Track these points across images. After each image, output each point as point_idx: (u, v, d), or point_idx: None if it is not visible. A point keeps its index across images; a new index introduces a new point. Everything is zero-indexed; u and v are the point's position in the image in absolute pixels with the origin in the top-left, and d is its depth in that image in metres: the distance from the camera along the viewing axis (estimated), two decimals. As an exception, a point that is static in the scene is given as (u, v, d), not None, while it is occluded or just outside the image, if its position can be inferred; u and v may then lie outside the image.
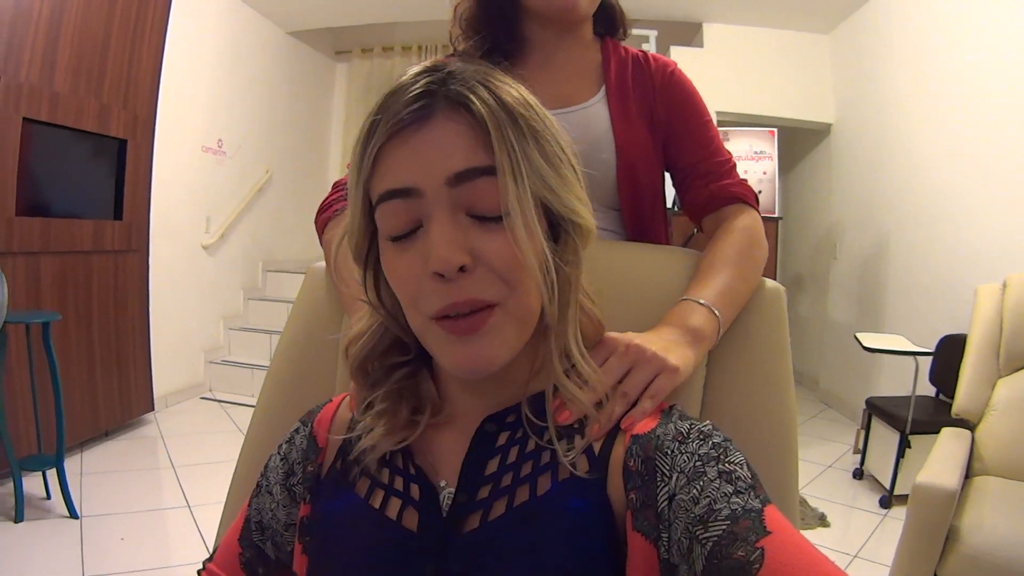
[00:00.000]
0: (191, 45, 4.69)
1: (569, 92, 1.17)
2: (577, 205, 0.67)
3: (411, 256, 0.63)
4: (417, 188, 0.62)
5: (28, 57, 3.18)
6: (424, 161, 0.62)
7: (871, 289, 4.78)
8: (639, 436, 0.66)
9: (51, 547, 2.71)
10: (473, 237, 0.62)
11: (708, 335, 0.87)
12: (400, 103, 0.62)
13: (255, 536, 0.80)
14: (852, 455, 3.97)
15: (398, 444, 0.72)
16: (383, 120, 0.63)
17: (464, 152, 0.62)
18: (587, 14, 1.16)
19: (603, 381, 0.71)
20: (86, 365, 3.78)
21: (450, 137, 0.62)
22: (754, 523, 0.55)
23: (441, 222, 0.61)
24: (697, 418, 0.69)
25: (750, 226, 1.05)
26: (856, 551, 2.89)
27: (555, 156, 0.66)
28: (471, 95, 0.62)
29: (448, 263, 0.60)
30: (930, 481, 2.04)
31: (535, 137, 0.64)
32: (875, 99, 4.75)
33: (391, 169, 0.63)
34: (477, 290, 0.62)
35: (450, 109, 0.63)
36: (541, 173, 0.64)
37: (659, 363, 0.75)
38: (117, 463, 3.69)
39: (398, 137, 0.62)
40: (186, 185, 4.82)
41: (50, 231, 3.47)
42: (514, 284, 0.63)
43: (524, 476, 0.67)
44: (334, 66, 6.96)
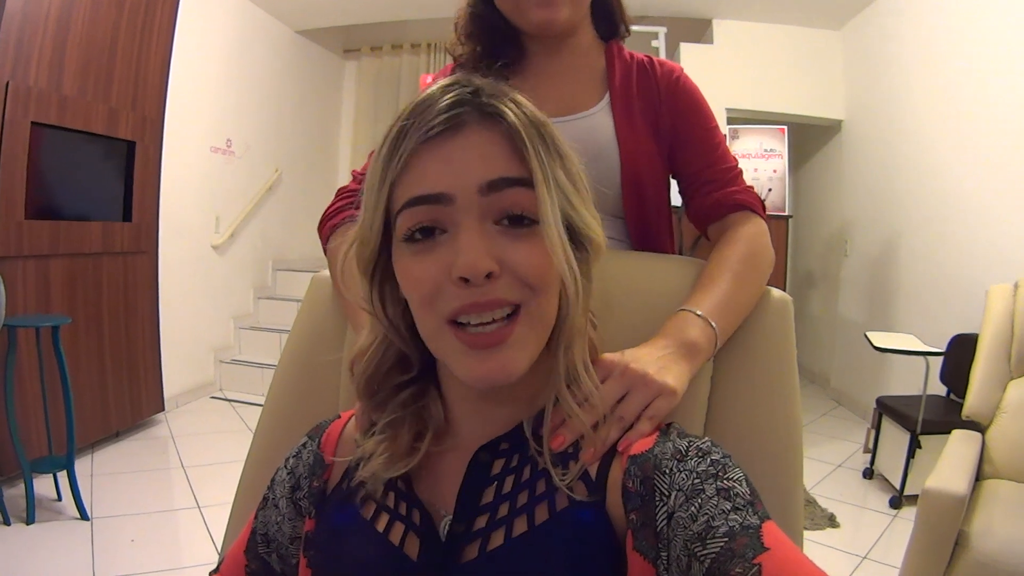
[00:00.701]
0: (199, 46, 4.70)
1: (572, 100, 1.17)
2: (592, 222, 0.69)
3: (430, 260, 0.63)
4: (448, 194, 0.62)
5: (36, 61, 3.20)
6: (458, 168, 0.63)
7: (882, 287, 4.75)
8: (636, 456, 0.66)
9: (62, 549, 2.73)
10: (500, 244, 0.63)
11: (704, 348, 0.86)
12: (433, 111, 0.63)
13: (261, 548, 0.80)
14: (863, 454, 3.96)
15: (396, 473, 0.71)
16: (414, 126, 0.63)
17: (499, 161, 0.63)
18: (571, 24, 1.14)
19: (603, 399, 0.70)
20: (96, 366, 3.80)
21: (484, 146, 0.63)
22: (752, 540, 0.55)
23: (471, 229, 0.62)
24: (696, 435, 0.69)
25: (755, 234, 1.04)
26: (866, 552, 2.87)
27: (575, 174, 0.68)
28: (503, 107, 0.64)
29: (476, 269, 0.60)
30: (939, 486, 2.03)
31: (560, 155, 0.67)
32: (886, 96, 4.72)
33: (423, 175, 0.63)
34: (500, 293, 0.63)
35: (484, 119, 0.64)
36: (564, 189, 0.65)
37: (657, 387, 0.75)
38: (128, 464, 3.71)
39: (431, 143, 0.63)
40: (195, 185, 4.84)
41: (59, 234, 3.48)
42: (538, 289, 0.64)
43: (521, 506, 0.67)
44: (343, 64, 6.96)
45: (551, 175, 0.64)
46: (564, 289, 0.66)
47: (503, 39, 1.19)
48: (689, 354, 0.83)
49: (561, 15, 1.10)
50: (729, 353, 0.92)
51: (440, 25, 6.01)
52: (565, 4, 1.10)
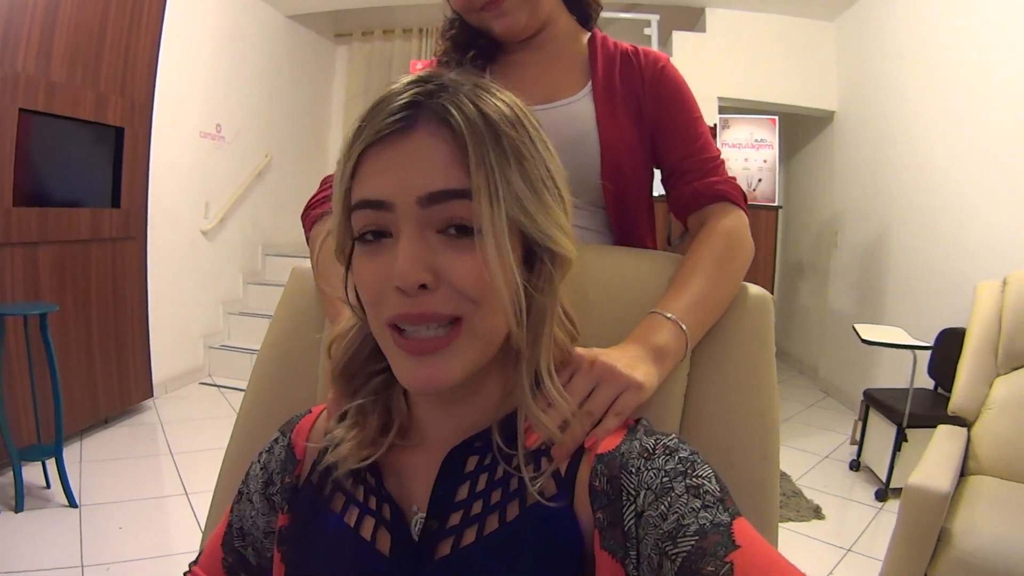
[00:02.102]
0: (189, 31, 4.66)
1: (555, 87, 1.17)
2: (556, 233, 0.66)
3: (378, 263, 0.63)
4: (389, 202, 0.62)
5: (24, 48, 3.16)
6: (399, 176, 0.62)
7: (872, 279, 4.77)
8: (603, 455, 0.66)
9: (50, 536, 2.74)
10: (439, 255, 0.62)
11: (673, 352, 0.85)
12: (385, 111, 0.62)
13: (237, 542, 0.81)
14: (849, 446, 3.98)
15: (363, 462, 0.72)
16: (367, 127, 0.63)
17: (440, 171, 0.61)
18: (534, 25, 1.15)
19: (568, 402, 0.70)
20: (85, 353, 3.79)
21: (428, 153, 0.61)
22: (723, 537, 0.55)
23: (408, 238, 0.61)
24: (663, 432, 0.69)
25: (733, 227, 1.04)
26: (850, 545, 2.90)
27: (539, 181, 0.65)
28: (455, 110, 0.62)
29: (408, 280, 0.60)
30: (922, 483, 2.04)
31: (518, 159, 0.64)
32: (878, 88, 4.72)
33: (368, 178, 0.63)
34: (435, 305, 0.62)
35: (433, 123, 0.62)
36: (519, 196, 0.63)
37: (624, 380, 0.75)
38: (116, 451, 3.72)
39: (378, 146, 0.62)
40: (184, 171, 4.81)
41: (48, 221, 3.46)
42: (479, 303, 0.63)
43: (494, 504, 0.67)
44: (334, 49, 6.91)
45: (499, 183, 0.61)
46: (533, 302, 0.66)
47: (478, 34, 1.20)
48: (657, 358, 0.83)
49: (519, 21, 1.11)
50: (706, 350, 0.91)
51: (431, 10, 5.96)
52: (520, 10, 1.10)
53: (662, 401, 0.86)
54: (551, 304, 0.68)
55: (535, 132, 0.68)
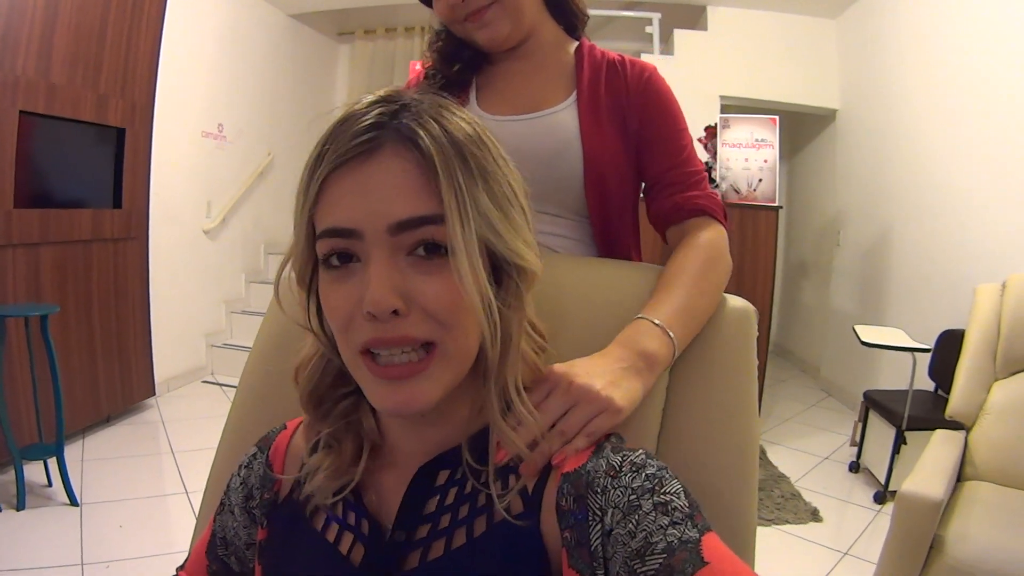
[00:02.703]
0: (190, 31, 4.66)
1: (539, 97, 1.17)
2: (523, 248, 0.66)
3: (347, 288, 0.62)
4: (357, 231, 0.61)
5: (24, 50, 3.17)
6: (366, 203, 0.61)
7: (873, 279, 4.75)
8: (569, 474, 0.66)
9: (51, 535, 2.75)
10: (410, 279, 0.61)
11: (662, 359, 0.85)
12: (349, 134, 0.61)
13: (220, 551, 0.83)
14: (849, 447, 3.97)
15: (338, 494, 0.73)
16: (329, 150, 0.62)
17: (408, 198, 0.61)
18: (518, 34, 1.15)
19: (539, 422, 0.70)
20: (87, 352, 3.81)
21: (395, 177, 0.61)
22: (691, 554, 0.55)
23: (378, 264, 0.61)
24: (631, 448, 0.69)
25: (712, 241, 1.04)
26: (847, 548, 2.89)
27: (504, 198, 0.66)
28: (421, 131, 0.61)
29: (380, 306, 0.59)
30: (915, 490, 2.03)
31: (484, 178, 0.63)
32: (881, 86, 4.69)
33: (334, 205, 0.62)
34: (407, 330, 0.62)
35: (399, 144, 0.61)
36: (488, 215, 0.63)
37: (601, 403, 0.74)
38: (118, 449, 3.73)
39: (343, 169, 0.62)
40: (186, 171, 4.81)
41: (49, 222, 3.47)
42: (450, 325, 0.63)
43: (461, 518, 0.68)
44: (337, 47, 6.90)
45: (468, 204, 0.61)
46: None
47: (464, 45, 1.20)
48: (647, 367, 0.83)
49: (502, 32, 1.12)
50: (686, 363, 0.91)
51: (434, 10, 5.97)
52: (502, 20, 1.11)
53: (640, 416, 0.85)
54: (519, 319, 0.68)
55: (495, 149, 0.68)
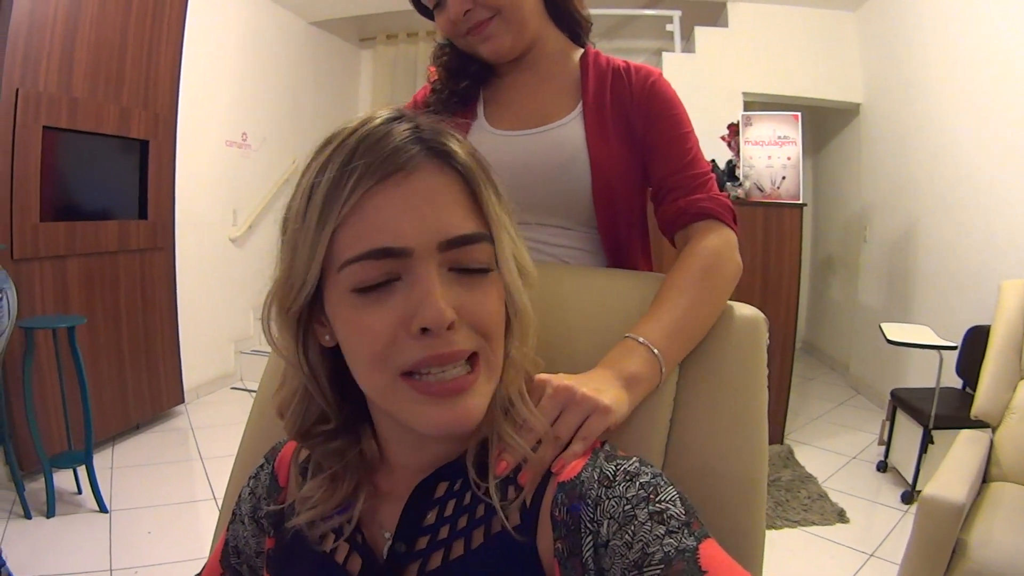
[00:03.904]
0: (211, 42, 4.72)
1: (545, 110, 1.17)
2: (527, 255, 0.70)
3: (386, 310, 0.61)
4: (408, 249, 0.60)
5: (45, 66, 3.23)
6: (415, 219, 0.60)
7: (901, 275, 4.67)
8: (564, 484, 0.66)
9: (80, 541, 2.80)
10: (456, 293, 0.62)
11: (645, 378, 0.84)
12: (382, 150, 0.60)
13: (233, 560, 0.85)
14: (878, 446, 3.91)
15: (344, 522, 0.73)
16: (362, 165, 0.60)
17: (455, 215, 0.62)
18: (521, 46, 1.15)
19: (541, 421, 0.70)
20: (116, 361, 3.87)
21: (439, 193, 0.62)
22: (688, 564, 0.55)
23: (430, 279, 0.60)
24: (625, 456, 0.68)
25: (717, 246, 1.02)
26: (873, 550, 2.85)
27: (509, 209, 0.69)
28: (454, 147, 0.63)
29: (441, 320, 0.59)
30: (937, 494, 1.99)
31: (498, 193, 0.67)
32: (904, 79, 4.62)
33: (376, 224, 0.60)
34: (460, 344, 0.62)
35: (434, 159, 0.62)
36: (509, 228, 0.67)
37: (590, 404, 0.74)
38: (147, 456, 3.79)
39: (381, 187, 0.60)
40: (211, 180, 4.87)
41: (75, 234, 3.54)
42: (491, 336, 0.64)
43: (460, 529, 0.68)
44: (359, 53, 6.92)
45: (501, 219, 0.64)
46: (510, 328, 0.68)
47: (470, 59, 1.20)
48: (628, 385, 0.82)
49: (504, 44, 1.12)
50: (694, 372, 0.90)
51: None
52: (505, 33, 1.11)
53: (647, 425, 0.85)
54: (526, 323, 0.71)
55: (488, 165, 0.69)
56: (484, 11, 1.09)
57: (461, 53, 1.20)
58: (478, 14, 1.09)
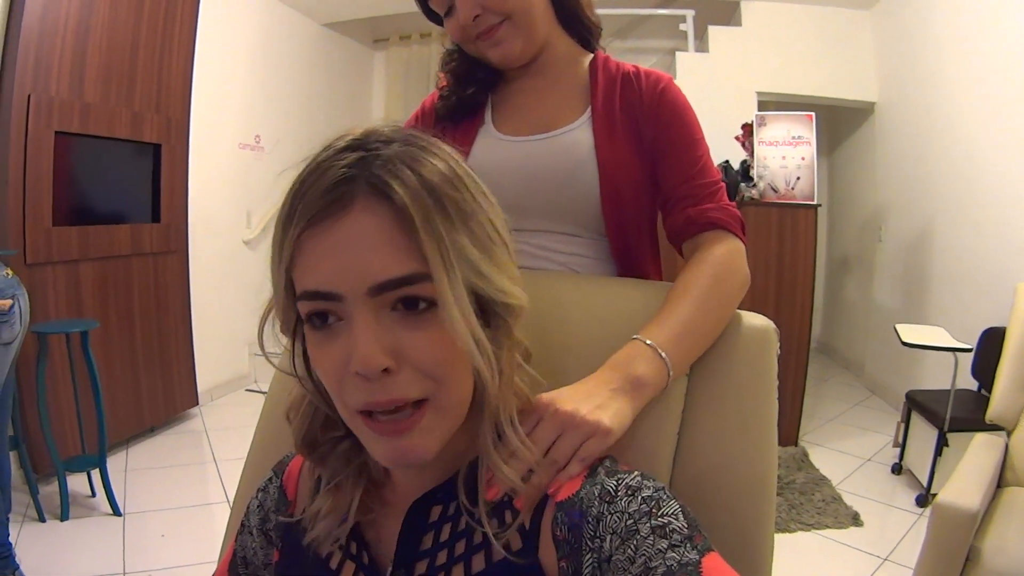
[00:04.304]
0: (223, 45, 4.74)
1: (553, 115, 1.16)
2: (507, 284, 0.64)
3: (334, 350, 0.60)
4: (337, 293, 0.58)
5: (56, 72, 3.25)
6: (343, 265, 0.58)
7: (916, 275, 4.63)
8: (563, 503, 0.65)
9: (94, 544, 2.82)
10: (398, 335, 0.59)
11: (651, 382, 0.83)
12: (319, 189, 0.58)
13: (241, 570, 0.85)
14: (892, 448, 3.87)
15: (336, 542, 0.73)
16: (300, 207, 0.59)
17: (385, 257, 0.58)
18: (531, 51, 1.14)
19: (533, 452, 0.68)
20: (130, 365, 3.89)
21: (370, 235, 0.58)
22: None
23: (363, 323, 0.58)
24: (626, 470, 0.67)
25: (725, 255, 1.01)
26: (887, 554, 2.83)
27: (486, 237, 0.63)
28: (393, 181, 0.58)
29: (368, 366, 0.57)
30: (951, 501, 1.97)
31: (464, 220, 0.61)
32: (919, 77, 4.57)
33: (311, 266, 0.60)
34: (400, 390, 0.60)
35: (371, 197, 0.58)
36: (472, 260, 0.60)
37: (590, 427, 0.72)
38: (161, 459, 3.81)
39: (316, 228, 0.59)
40: (225, 183, 4.89)
41: (88, 238, 3.56)
42: (442, 379, 0.61)
43: (458, 555, 0.67)
44: (372, 55, 6.93)
45: (452, 252, 0.58)
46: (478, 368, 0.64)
47: (478, 65, 1.20)
48: (634, 389, 0.81)
49: (515, 49, 1.11)
50: (703, 383, 0.89)
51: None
52: (515, 38, 1.10)
53: (654, 437, 0.84)
54: (511, 356, 0.68)
55: (474, 184, 0.65)
56: (494, 16, 1.09)
57: (469, 59, 1.19)
58: (488, 19, 1.09)
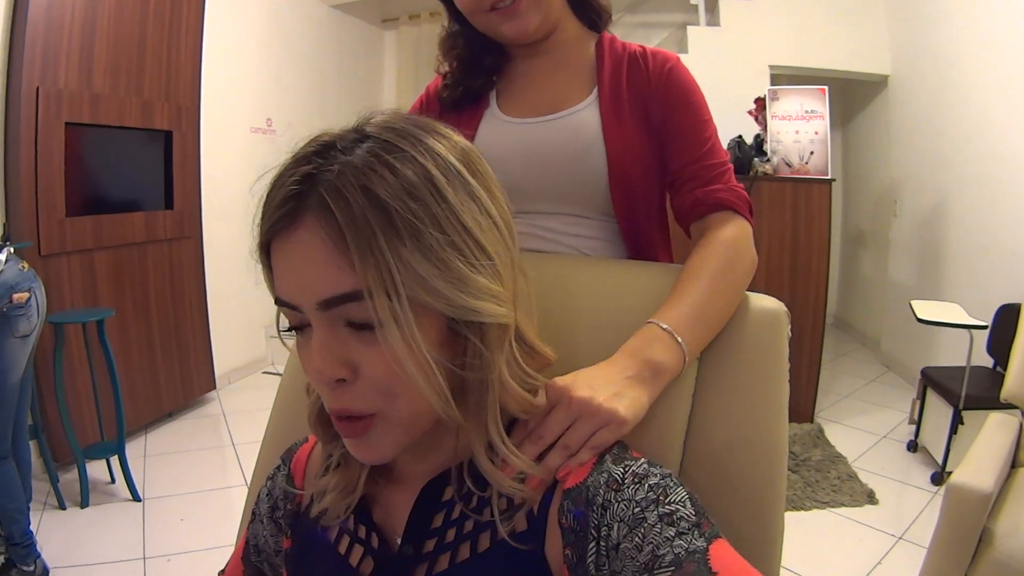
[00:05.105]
0: (231, 30, 4.72)
1: (559, 97, 1.15)
2: (474, 302, 0.61)
3: (303, 355, 0.63)
4: (295, 304, 0.60)
5: (64, 64, 3.25)
6: (297, 278, 0.60)
7: (931, 250, 4.58)
8: (570, 490, 0.65)
9: (114, 530, 2.87)
10: (353, 349, 0.60)
11: (669, 367, 0.82)
12: (273, 202, 0.60)
13: (254, 558, 0.86)
14: (908, 425, 3.86)
15: (345, 512, 0.74)
16: (262, 221, 0.62)
17: (329, 275, 0.57)
18: (545, 28, 1.13)
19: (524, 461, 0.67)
20: (147, 351, 3.93)
21: (316, 251, 0.57)
22: (699, 566, 0.55)
23: (319, 335, 0.60)
24: (633, 457, 0.67)
25: (733, 237, 1.00)
26: (902, 532, 2.83)
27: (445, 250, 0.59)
28: (337, 199, 0.56)
29: (322, 376, 0.60)
30: (965, 482, 1.96)
31: (415, 235, 0.57)
32: (933, 50, 4.50)
33: (277, 275, 0.62)
34: (353, 401, 0.61)
35: (318, 211, 0.57)
36: (423, 276, 0.57)
37: (605, 416, 0.72)
38: (180, 444, 3.86)
39: (277, 239, 0.61)
40: (237, 167, 4.85)
41: (102, 227, 3.58)
42: (394, 394, 0.61)
43: (467, 533, 0.68)
44: (382, 34, 6.88)
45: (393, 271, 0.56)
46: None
47: (484, 48, 1.18)
48: (652, 376, 0.81)
49: (530, 24, 1.09)
50: (714, 366, 0.88)
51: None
52: (532, 12, 1.08)
53: (665, 421, 0.84)
54: (489, 376, 0.64)
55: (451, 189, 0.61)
56: None
57: (475, 43, 1.18)
58: None
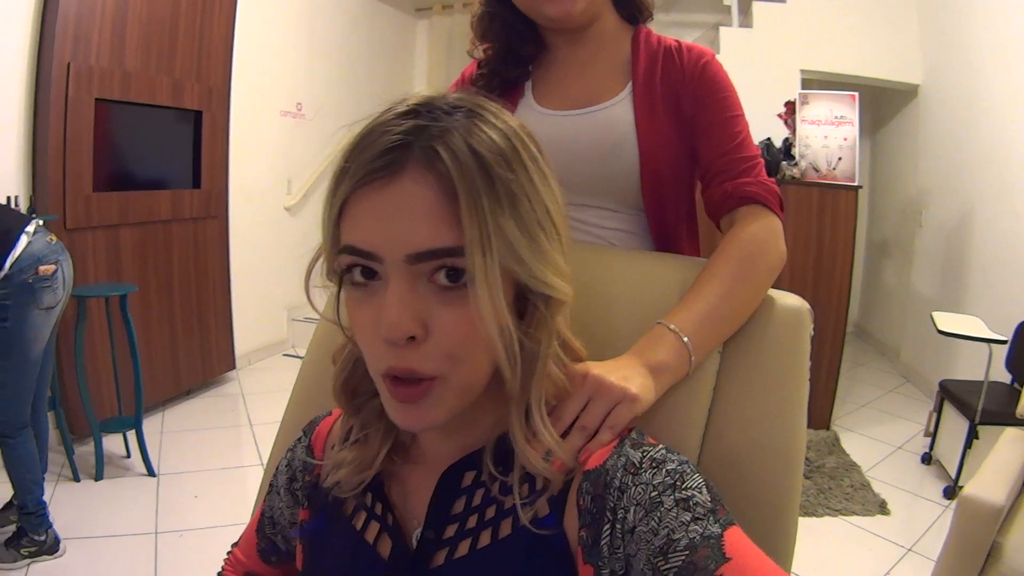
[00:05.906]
0: (264, 14, 4.73)
1: (594, 90, 1.15)
2: (550, 276, 0.63)
3: (365, 310, 0.62)
4: (377, 255, 0.59)
5: (97, 41, 3.28)
6: (386, 229, 0.59)
7: (955, 262, 4.52)
8: (589, 472, 0.65)
9: (127, 504, 2.90)
10: (429, 307, 0.60)
11: (672, 367, 0.83)
12: (372, 152, 0.59)
13: (268, 530, 0.88)
14: (924, 437, 3.82)
15: (360, 485, 0.75)
16: (352, 167, 0.59)
17: (428, 227, 0.58)
18: (589, 15, 1.12)
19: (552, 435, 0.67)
20: (168, 328, 3.97)
21: (416, 204, 0.58)
22: (713, 551, 0.55)
23: (397, 289, 0.59)
24: (651, 443, 0.68)
25: (759, 232, 0.99)
26: (911, 544, 2.81)
27: (534, 223, 0.62)
28: (445, 152, 0.58)
29: (396, 331, 0.58)
30: (976, 494, 1.95)
31: (512, 202, 0.60)
32: (964, 61, 4.43)
33: (355, 224, 0.60)
34: (419, 362, 0.60)
35: (421, 166, 0.58)
36: (513, 244, 0.59)
37: (617, 393, 0.73)
38: (197, 421, 3.89)
39: (364, 190, 0.59)
40: (266, 150, 4.92)
41: (128, 204, 3.62)
42: (460, 359, 0.61)
43: (488, 519, 0.69)
44: (415, 23, 6.87)
45: (491, 233, 0.57)
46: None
47: (521, 35, 1.18)
48: (654, 373, 0.81)
49: (577, 7, 1.08)
50: (736, 361, 0.88)
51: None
52: None
53: (684, 413, 0.85)
54: (544, 348, 0.66)
55: (533, 164, 0.64)
56: None
57: (512, 29, 1.17)
58: None
